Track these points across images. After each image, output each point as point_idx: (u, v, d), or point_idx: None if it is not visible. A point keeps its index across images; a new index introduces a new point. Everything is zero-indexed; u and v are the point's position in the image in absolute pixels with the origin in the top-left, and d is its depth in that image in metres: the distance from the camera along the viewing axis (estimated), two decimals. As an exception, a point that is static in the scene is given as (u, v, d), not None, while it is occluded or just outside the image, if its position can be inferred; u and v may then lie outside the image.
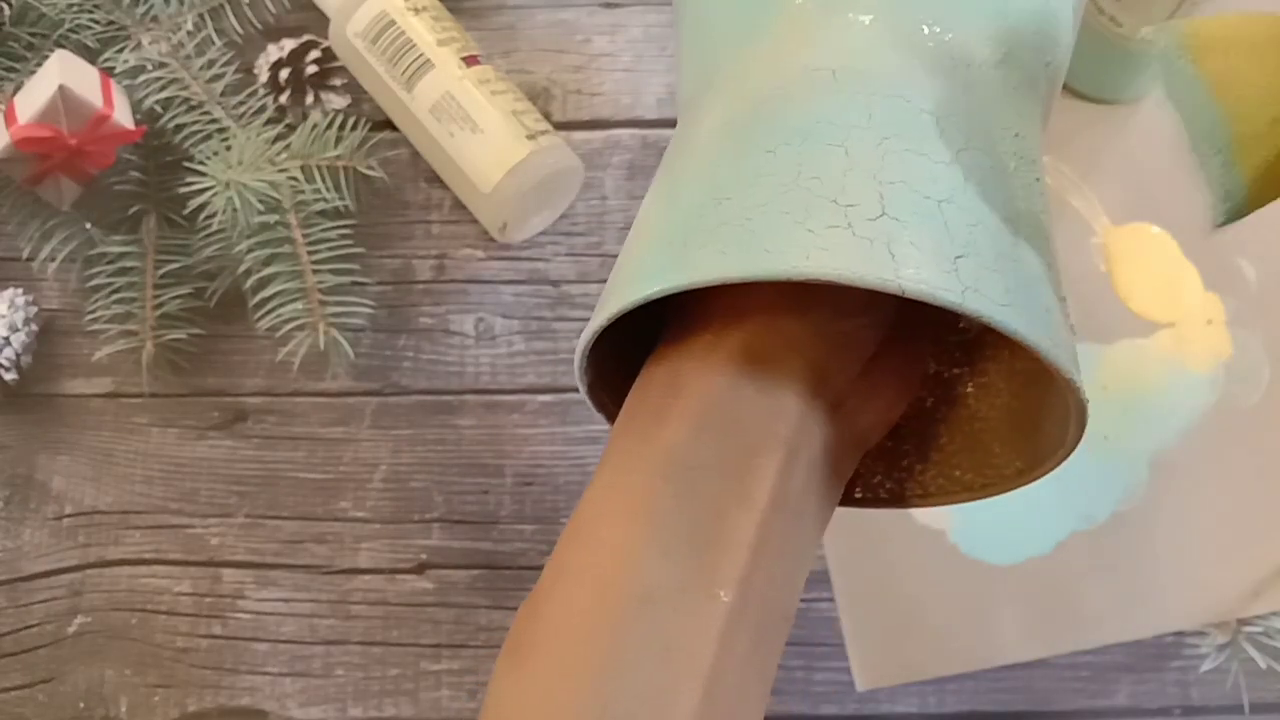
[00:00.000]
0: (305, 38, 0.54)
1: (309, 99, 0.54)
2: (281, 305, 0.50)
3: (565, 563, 0.26)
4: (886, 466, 0.33)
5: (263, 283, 0.51)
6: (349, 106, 0.54)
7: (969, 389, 0.33)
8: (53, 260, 0.52)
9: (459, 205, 0.54)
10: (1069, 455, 0.28)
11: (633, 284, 0.25)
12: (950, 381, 0.33)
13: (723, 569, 0.25)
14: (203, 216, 0.50)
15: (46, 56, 0.50)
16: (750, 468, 0.26)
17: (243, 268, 0.51)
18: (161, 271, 0.52)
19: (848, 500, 0.32)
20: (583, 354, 0.27)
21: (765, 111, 0.27)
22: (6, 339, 0.51)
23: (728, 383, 0.27)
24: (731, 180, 0.26)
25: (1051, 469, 0.29)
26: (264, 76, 0.53)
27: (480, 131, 0.50)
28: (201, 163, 0.50)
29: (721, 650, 0.25)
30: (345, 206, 0.52)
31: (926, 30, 0.27)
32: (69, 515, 0.53)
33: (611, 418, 0.30)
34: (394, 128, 0.53)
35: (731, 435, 0.26)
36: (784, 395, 0.27)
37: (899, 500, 0.33)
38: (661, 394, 0.27)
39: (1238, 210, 0.26)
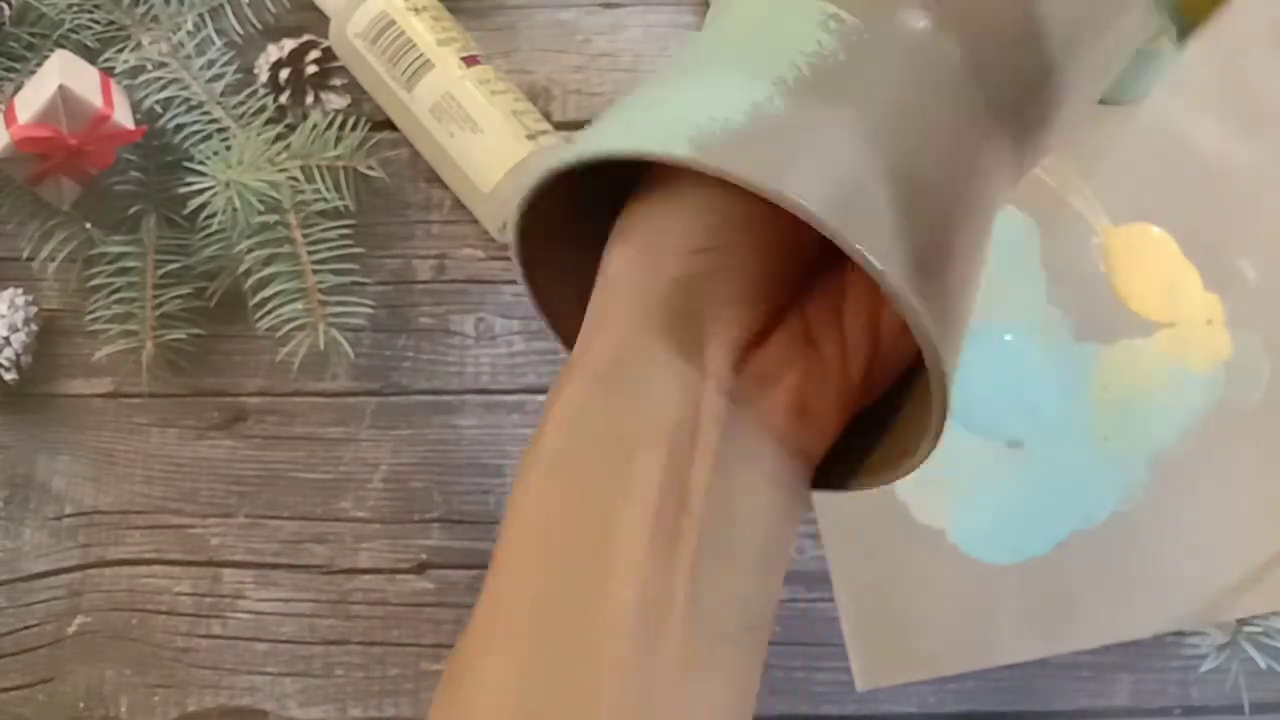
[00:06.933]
0: (305, 38, 0.54)
1: (309, 99, 0.54)
2: (281, 305, 0.50)
3: (496, 590, 0.26)
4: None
5: (263, 283, 0.51)
6: (349, 106, 0.54)
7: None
8: (53, 260, 0.52)
9: (459, 205, 0.54)
10: (936, 439, 0.26)
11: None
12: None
13: (617, 568, 0.24)
14: (203, 216, 0.50)
15: (46, 56, 0.50)
16: (631, 464, 0.25)
17: (243, 268, 0.51)
18: (161, 271, 0.52)
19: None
20: (516, 226, 0.28)
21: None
22: (6, 339, 0.51)
23: (597, 388, 0.26)
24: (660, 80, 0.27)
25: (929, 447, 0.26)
26: (264, 76, 0.53)
27: (480, 131, 0.50)
28: (201, 163, 0.50)
29: (641, 649, 0.24)
30: (345, 206, 0.52)
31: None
32: (69, 515, 0.53)
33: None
34: (394, 128, 0.53)
35: (604, 436, 0.26)
36: (659, 390, 0.26)
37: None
38: (550, 400, 0.27)
39: (1186, 27, 0.27)
